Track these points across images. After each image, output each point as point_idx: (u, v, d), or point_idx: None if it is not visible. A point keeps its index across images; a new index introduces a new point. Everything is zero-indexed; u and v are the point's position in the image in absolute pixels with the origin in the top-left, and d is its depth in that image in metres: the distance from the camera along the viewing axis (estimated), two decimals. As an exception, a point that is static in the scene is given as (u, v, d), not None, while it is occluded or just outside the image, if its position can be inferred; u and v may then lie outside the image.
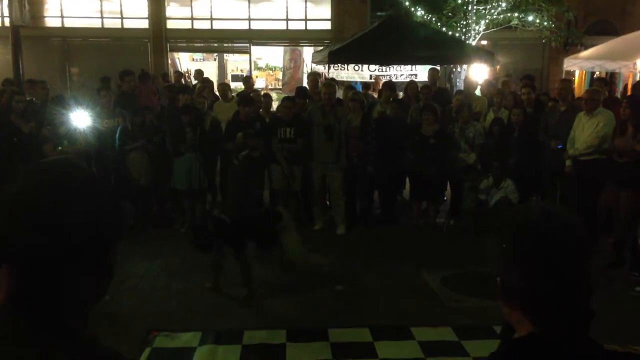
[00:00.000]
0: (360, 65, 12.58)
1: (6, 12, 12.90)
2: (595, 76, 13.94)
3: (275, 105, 9.56)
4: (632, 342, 1.26)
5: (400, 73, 12.61)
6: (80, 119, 7.21)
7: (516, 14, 13.70)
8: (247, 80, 11.76)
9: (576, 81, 14.48)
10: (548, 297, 1.14)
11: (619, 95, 11.97)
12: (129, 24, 16.89)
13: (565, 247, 1.15)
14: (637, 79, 11.18)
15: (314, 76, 9.54)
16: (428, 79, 10.26)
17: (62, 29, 16.81)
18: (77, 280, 0.99)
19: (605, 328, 3.16)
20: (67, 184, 0.99)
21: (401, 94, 9.84)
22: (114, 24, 16.88)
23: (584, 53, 12.73)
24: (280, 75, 17.92)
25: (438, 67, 11.04)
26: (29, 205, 0.96)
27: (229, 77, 17.40)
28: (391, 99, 8.51)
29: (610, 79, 13.49)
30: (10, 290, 0.97)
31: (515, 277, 1.17)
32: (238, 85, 13.34)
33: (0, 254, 0.97)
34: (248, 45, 17.07)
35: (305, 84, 13.55)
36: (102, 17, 16.86)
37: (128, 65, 10.72)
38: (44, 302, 0.97)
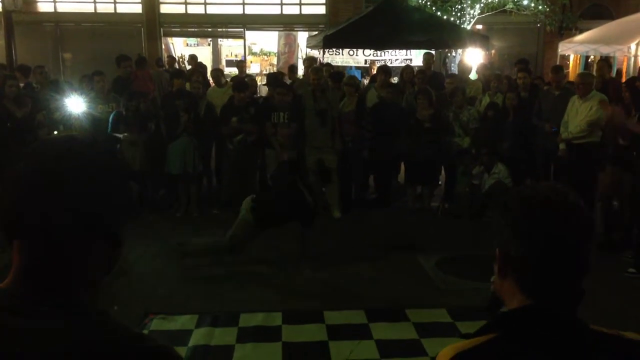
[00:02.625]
0: (355, 50, 12.56)
1: (-2, -3, 12.75)
2: (590, 60, 13.95)
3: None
4: (628, 322, 1.29)
5: (395, 58, 12.60)
6: (75, 104, 7.20)
7: (511, -2, 13.70)
8: (240, 65, 11.72)
9: (571, 65, 14.49)
10: (545, 270, 1.17)
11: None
12: (122, 9, 16.74)
13: (570, 225, 1.17)
14: (632, 62, 11.19)
15: (309, 61, 9.49)
16: (423, 63, 10.25)
17: (55, 14, 16.66)
18: (87, 254, 1.00)
19: (600, 309, 3.21)
20: (75, 159, 1.00)
21: (396, 79, 9.83)
22: (107, 8, 16.72)
23: (579, 37, 12.73)
24: (274, 61, 17.85)
25: (433, 52, 11.03)
26: (39, 181, 0.97)
27: (224, 63, 17.33)
28: (388, 84, 8.52)
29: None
30: (21, 266, 0.98)
31: (517, 249, 1.19)
32: (232, 71, 13.30)
33: (13, 230, 0.98)
34: (242, 30, 16.97)
35: (300, 69, 13.56)
36: (94, 2, 16.69)
37: (121, 50, 10.64)
38: (56, 277, 0.98)
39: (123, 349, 0.95)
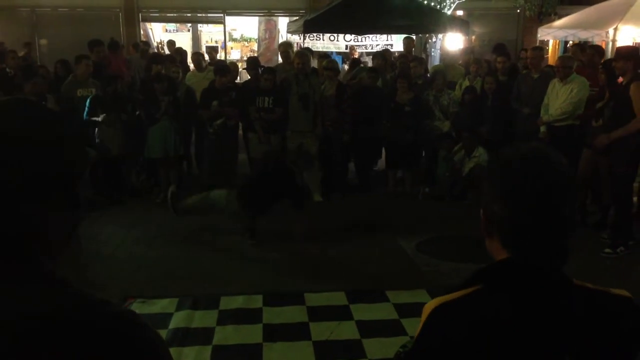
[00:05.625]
0: (335, 36, 12.50)
1: (-29, -19, 12.49)
2: (568, 45, 14.03)
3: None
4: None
5: (376, 43, 12.56)
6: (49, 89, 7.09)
7: (491, -16, 13.72)
8: (211, 52, 11.49)
9: (550, 50, 14.58)
10: (526, 228, 1.19)
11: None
12: (99, -6, 16.44)
13: (549, 183, 1.18)
14: (610, 47, 11.28)
15: (285, 47, 9.28)
16: (404, 48, 10.24)
17: (30, -2, 16.32)
18: (45, 216, 0.95)
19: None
20: (23, 118, 0.96)
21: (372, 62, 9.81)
22: (84, -7, 16.41)
23: (558, 22, 12.78)
24: (255, 47, 17.72)
25: (413, 36, 11.02)
26: None
27: (203, 49, 17.12)
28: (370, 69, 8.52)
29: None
30: None
31: (498, 209, 1.21)
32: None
33: None
34: (222, 15, 16.78)
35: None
36: (71, -13, 16.38)
37: (99, 36, 10.43)
38: (13, 242, 0.93)
39: (86, 317, 0.91)
